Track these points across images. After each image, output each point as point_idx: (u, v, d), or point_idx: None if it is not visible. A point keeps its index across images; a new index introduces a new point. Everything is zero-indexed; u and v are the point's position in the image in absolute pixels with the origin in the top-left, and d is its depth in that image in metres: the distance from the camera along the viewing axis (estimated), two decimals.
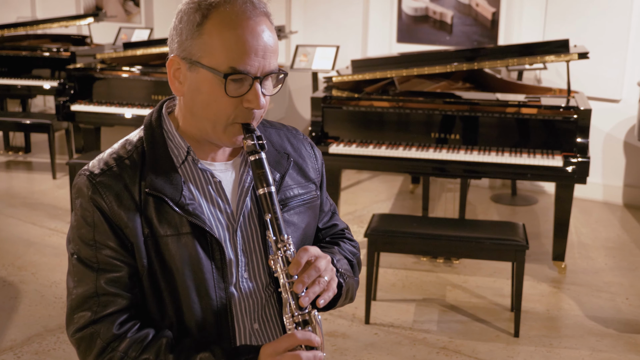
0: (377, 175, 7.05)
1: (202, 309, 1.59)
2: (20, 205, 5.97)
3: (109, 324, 1.55)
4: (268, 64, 1.51)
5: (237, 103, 1.51)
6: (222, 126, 1.53)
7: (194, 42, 1.50)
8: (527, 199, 6.34)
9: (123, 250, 1.55)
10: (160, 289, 1.58)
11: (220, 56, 1.48)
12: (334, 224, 1.87)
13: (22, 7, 9.77)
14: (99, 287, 1.55)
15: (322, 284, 1.52)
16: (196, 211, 1.56)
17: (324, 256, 1.56)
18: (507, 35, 6.44)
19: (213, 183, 1.61)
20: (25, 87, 7.06)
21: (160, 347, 1.54)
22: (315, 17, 7.41)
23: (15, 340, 3.87)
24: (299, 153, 1.75)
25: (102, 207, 1.54)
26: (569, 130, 4.48)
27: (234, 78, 1.48)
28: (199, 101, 1.53)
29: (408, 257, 5.00)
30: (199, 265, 1.57)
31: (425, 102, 4.72)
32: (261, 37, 1.49)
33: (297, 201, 1.70)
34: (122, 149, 1.61)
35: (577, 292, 4.57)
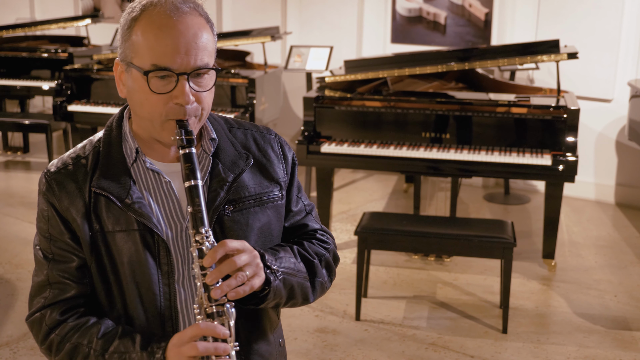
0: (371, 175, 7.11)
1: (146, 303, 1.65)
2: (18, 205, 6.04)
3: (56, 310, 1.65)
4: (194, 60, 1.54)
5: (167, 100, 1.55)
6: (158, 123, 1.58)
7: (126, 45, 1.57)
8: (520, 198, 6.40)
9: (74, 243, 1.64)
10: (109, 282, 1.66)
11: (145, 55, 1.54)
12: (304, 224, 1.85)
13: (21, 8, 9.83)
14: (51, 276, 1.65)
15: (241, 278, 1.51)
16: (142, 209, 1.61)
17: (250, 251, 1.56)
18: (500, 35, 6.50)
19: (163, 183, 1.66)
20: (24, 87, 7.12)
21: (93, 333, 1.62)
22: (310, 17, 7.47)
23: (12, 336, 3.93)
24: (263, 153, 1.77)
25: (54, 203, 1.63)
26: (558, 129, 4.54)
27: (157, 75, 1.54)
28: (135, 100, 1.59)
29: (400, 255, 5.06)
30: (144, 262, 1.63)
31: (416, 102, 4.78)
32: (183, 35, 1.53)
33: (251, 201, 1.71)
34: (82, 149, 1.70)
35: (566, 289, 4.63)
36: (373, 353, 3.84)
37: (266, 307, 1.67)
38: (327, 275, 1.82)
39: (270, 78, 6.13)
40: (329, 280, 1.83)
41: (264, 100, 5.89)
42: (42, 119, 6.73)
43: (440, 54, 5.03)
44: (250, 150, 1.75)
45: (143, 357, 1.56)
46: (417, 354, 3.83)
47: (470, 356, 3.81)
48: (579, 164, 6.19)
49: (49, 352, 1.66)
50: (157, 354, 1.54)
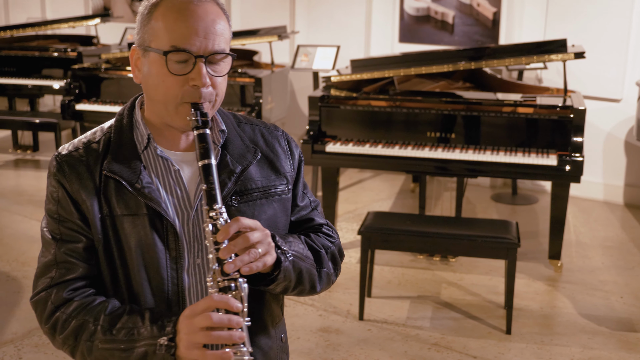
0: (378, 175, 7.10)
1: (153, 288, 1.67)
2: (27, 203, 6.07)
3: (62, 289, 1.65)
4: (212, 44, 1.59)
5: (183, 82, 1.59)
6: (173, 106, 1.62)
7: (145, 30, 1.62)
8: (528, 198, 6.38)
9: (83, 224, 1.66)
10: (115, 266, 1.67)
11: (164, 37, 1.58)
12: (310, 218, 1.89)
13: (32, 7, 9.89)
14: (59, 256, 1.66)
15: (253, 255, 1.54)
16: (152, 194, 1.64)
17: (262, 230, 1.59)
18: (508, 35, 6.47)
19: (172, 171, 1.69)
20: (36, 87, 7.16)
21: (100, 311, 1.62)
22: (318, 17, 7.47)
23: (17, 334, 3.95)
24: (270, 148, 1.81)
25: (64, 184, 1.66)
26: (564, 129, 4.52)
27: (177, 57, 1.58)
28: (151, 84, 1.63)
29: (405, 255, 5.05)
30: (152, 246, 1.65)
31: (422, 102, 4.77)
32: (202, 19, 1.58)
33: (257, 193, 1.74)
34: (92, 135, 1.73)
35: (571, 290, 4.60)
36: (375, 353, 3.83)
37: (275, 289, 1.69)
38: (333, 267, 1.85)
39: (277, 77, 6.13)
40: (335, 273, 1.86)
41: (270, 100, 5.90)
42: (51, 117, 6.76)
43: (446, 53, 5.02)
44: (258, 145, 1.78)
45: (153, 330, 1.56)
46: (420, 354, 3.82)
47: (473, 357, 3.80)
48: (587, 165, 6.20)
49: (53, 331, 1.65)
50: (168, 327, 1.55)
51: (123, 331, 1.59)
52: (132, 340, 1.58)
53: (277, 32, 6.09)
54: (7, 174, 6.98)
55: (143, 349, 1.56)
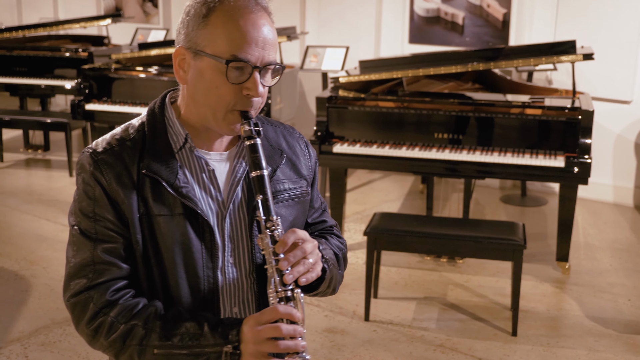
0: (388, 176, 7.10)
1: (189, 287, 1.68)
2: (36, 202, 6.11)
3: (103, 290, 1.64)
4: (267, 56, 1.61)
5: (237, 90, 1.60)
6: (222, 113, 1.62)
7: (199, 33, 1.61)
8: (537, 200, 6.35)
9: (120, 223, 1.65)
10: (151, 265, 1.67)
11: (223, 45, 1.58)
12: (324, 220, 1.95)
13: (45, 8, 9.95)
14: (96, 256, 1.64)
15: (307, 265, 1.60)
16: (189, 194, 1.65)
17: (311, 240, 1.64)
18: (518, 36, 6.45)
19: (207, 171, 1.70)
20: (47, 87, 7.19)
21: (149, 315, 1.63)
22: (328, 18, 7.48)
23: (23, 332, 3.98)
24: (293, 150, 1.83)
25: (102, 183, 1.64)
26: (572, 131, 4.51)
27: (235, 65, 1.58)
28: (200, 88, 1.63)
29: (412, 256, 5.05)
30: (189, 245, 1.66)
31: (429, 103, 4.77)
32: (261, 30, 1.60)
33: (286, 195, 1.78)
34: (124, 132, 1.72)
35: (579, 292, 4.58)
36: (380, 354, 3.83)
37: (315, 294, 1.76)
38: (344, 268, 1.92)
39: (286, 78, 6.14)
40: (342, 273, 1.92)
41: (279, 100, 5.91)
42: (62, 117, 6.80)
43: (454, 54, 5.01)
44: (281, 147, 1.81)
45: (215, 337, 1.58)
46: (425, 356, 3.81)
47: (478, 358, 3.79)
48: (597, 166, 6.17)
49: (95, 333, 1.64)
50: (231, 335, 1.57)
51: (179, 337, 1.60)
52: (193, 346, 1.59)
53: (286, 33, 6.10)
54: (18, 173, 7.03)
55: (205, 357, 1.59)
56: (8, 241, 5.26)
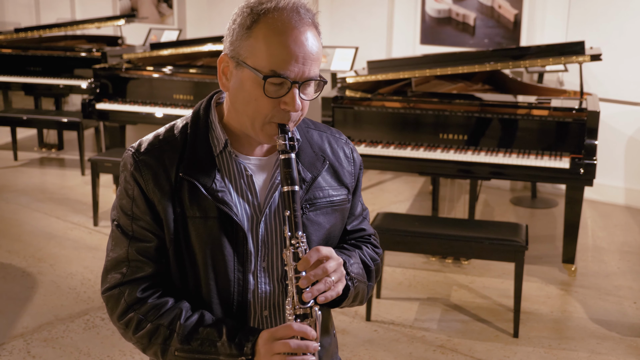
0: (399, 177, 7.09)
1: (220, 289, 1.72)
2: (48, 200, 6.16)
3: (135, 287, 1.71)
4: (308, 71, 1.60)
5: (275, 104, 1.60)
6: (260, 124, 1.63)
7: (242, 43, 1.62)
8: (547, 202, 6.31)
9: (155, 224, 1.70)
10: (185, 265, 1.72)
11: (264, 59, 1.59)
12: (362, 228, 1.93)
13: (62, 9, 10.04)
14: (131, 254, 1.71)
15: (328, 284, 1.60)
16: (225, 198, 1.67)
17: (336, 258, 1.64)
18: (529, 36, 6.42)
19: (245, 176, 1.72)
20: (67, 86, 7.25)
21: (175, 316, 1.68)
22: (341, 19, 7.48)
23: (27, 328, 4.02)
24: (336, 156, 1.83)
25: (140, 183, 1.69)
26: (577, 132, 4.47)
27: (273, 81, 1.58)
28: (240, 98, 1.65)
29: (418, 257, 5.03)
30: (221, 248, 1.69)
31: (435, 103, 4.75)
32: (303, 45, 1.58)
33: (324, 202, 1.78)
34: (168, 133, 1.75)
35: (584, 294, 4.55)
36: (380, 354, 3.82)
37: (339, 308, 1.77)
38: (375, 278, 1.91)
39: None
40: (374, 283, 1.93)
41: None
42: (74, 117, 6.86)
43: (461, 55, 5.00)
44: (325, 153, 1.81)
45: (232, 348, 1.63)
46: (424, 356, 3.80)
47: (477, 359, 3.77)
48: (608, 168, 6.12)
49: (126, 328, 1.72)
50: (246, 347, 1.61)
51: (199, 342, 1.65)
52: (211, 352, 1.65)
53: None
54: (32, 171, 7.10)
55: None
56: (17, 238, 5.31)
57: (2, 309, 4.24)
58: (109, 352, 3.79)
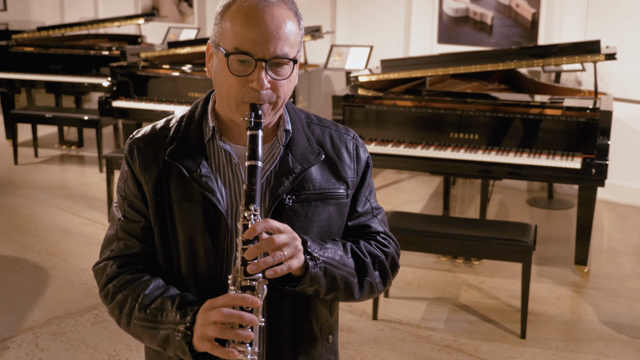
0: (415, 176, 7.06)
1: (200, 272, 1.74)
2: (65, 196, 6.23)
3: (117, 262, 1.77)
4: (273, 49, 1.61)
5: (244, 82, 1.63)
6: (234, 104, 1.66)
7: (217, 29, 1.68)
8: (564, 203, 6.25)
9: (144, 205, 1.76)
10: (170, 247, 1.76)
11: (230, 38, 1.63)
12: (367, 225, 1.86)
13: (86, 7, 10.14)
14: (119, 232, 1.79)
15: (278, 257, 1.56)
16: (209, 183, 1.70)
17: (289, 232, 1.62)
18: (547, 36, 6.36)
19: (232, 164, 1.74)
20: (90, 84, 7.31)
21: (143, 288, 1.72)
22: (359, 18, 7.47)
23: (37, 322, 4.07)
24: (336, 151, 1.82)
25: (131, 165, 1.77)
26: (590, 132, 4.43)
27: (237, 58, 1.62)
28: (217, 80, 1.69)
29: (428, 257, 5.02)
30: (202, 233, 1.71)
31: (446, 102, 4.73)
32: (266, 23, 1.61)
33: (313, 194, 1.76)
34: (166, 121, 1.82)
35: (595, 296, 4.50)
36: (384, 352, 3.82)
37: (303, 291, 1.69)
38: (380, 277, 1.81)
39: (309, 77, 6.15)
40: (382, 283, 1.82)
41: (302, 99, 5.93)
42: (94, 114, 6.92)
43: (473, 54, 4.98)
44: (324, 147, 1.80)
45: (176, 316, 1.64)
46: (429, 356, 3.79)
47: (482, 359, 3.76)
48: (626, 169, 6.05)
49: (106, 300, 1.77)
50: (188, 316, 1.62)
51: (155, 311, 1.68)
52: (159, 322, 1.67)
53: (309, 32, 6.11)
54: (51, 168, 7.18)
55: (166, 332, 1.65)
56: (33, 234, 5.38)
57: (14, 302, 4.30)
58: (115, 347, 3.82)
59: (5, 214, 5.82)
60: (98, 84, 7.26)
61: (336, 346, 1.92)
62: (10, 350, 3.78)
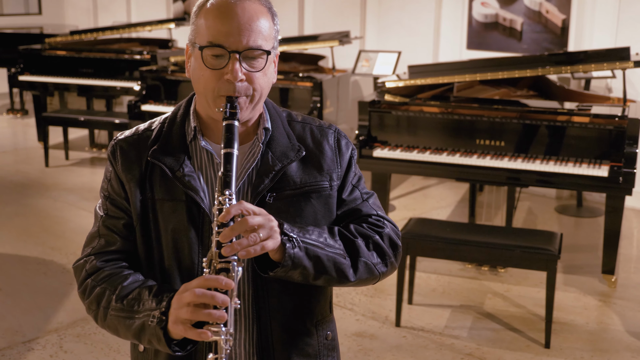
0: (443, 182, 7.02)
1: (183, 271, 1.74)
2: (94, 199, 6.30)
3: (97, 258, 1.77)
4: (246, 41, 1.65)
5: (219, 76, 1.66)
6: (211, 98, 1.69)
7: (192, 27, 1.73)
8: (593, 211, 6.18)
9: (126, 202, 1.77)
10: (152, 246, 1.77)
11: (204, 34, 1.67)
12: (358, 209, 1.85)
13: (119, 12, 10.26)
14: (101, 229, 1.80)
15: (252, 239, 1.55)
16: (191, 182, 1.72)
17: (264, 214, 1.61)
18: (577, 42, 6.30)
19: (214, 164, 1.76)
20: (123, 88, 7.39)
21: (120, 282, 1.72)
22: (388, 23, 7.46)
23: (62, 323, 4.12)
24: (317, 145, 1.83)
25: (114, 165, 1.79)
26: (618, 139, 4.38)
27: (211, 52, 1.65)
28: (194, 77, 1.72)
29: (454, 264, 4.98)
30: (187, 232, 1.73)
31: (473, 109, 4.70)
32: (238, 16, 1.65)
33: (293, 191, 1.76)
34: (150, 123, 1.85)
35: (623, 306, 4.44)
36: None
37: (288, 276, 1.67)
38: (379, 257, 1.79)
39: (337, 82, 6.15)
40: (382, 263, 1.80)
41: (329, 104, 5.93)
42: (125, 118, 6.99)
43: (501, 60, 4.95)
44: (305, 143, 1.81)
45: (152, 303, 1.63)
46: None
47: None
48: None
49: (83, 295, 1.77)
50: (164, 301, 1.62)
51: (132, 301, 1.67)
52: (135, 311, 1.66)
53: (338, 37, 6.12)
54: (82, 171, 7.26)
55: (141, 321, 1.63)
56: (61, 235, 5.45)
57: (40, 303, 4.36)
58: None
59: (35, 215, 5.90)
60: (129, 88, 7.33)
61: (336, 342, 1.90)
62: (34, 351, 3.83)
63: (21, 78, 7.72)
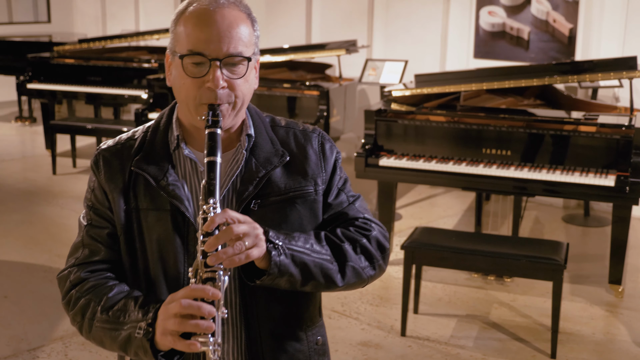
0: (450, 191, 7.01)
1: (169, 280, 1.74)
2: None
3: (82, 269, 1.76)
4: (226, 48, 1.65)
5: (200, 84, 1.66)
6: (193, 106, 1.69)
7: (172, 36, 1.72)
8: (600, 220, 6.15)
9: (110, 212, 1.76)
10: (136, 256, 1.76)
11: (184, 42, 1.67)
12: (344, 212, 1.85)
13: (128, 20, 10.31)
14: (85, 239, 1.80)
15: (237, 247, 1.55)
16: (175, 191, 1.72)
17: (249, 222, 1.60)
18: (584, 51, 6.29)
19: (198, 172, 1.76)
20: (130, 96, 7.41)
21: (105, 293, 1.71)
22: (395, 32, 7.48)
23: (67, 331, 4.12)
24: (301, 150, 1.82)
25: (97, 175, 1.79)
26: (625, 149, 4.36)
27: (192, 60, 1.65)
28: (176, 86, 1.72)
29: (460, 273, 4.97)
30: (172, 241, 1.72)
31: (480, 118, 4.70)
32: (217, 23, 1.65)
33: (278, 197, 1.76)
34: (133, 132, 1.85)
35: (630, 317, 4.42)
36: None
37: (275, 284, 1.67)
38: (366, 261, 1.79)
39: (344, 91, 6.16)
40: (370, 267, 1.79)
41: (336, 112, 5.94)
42: (131, 126, 7.01)
43: (508, 69, 4.95)
44: (288, 148, 1.81)
45: (138, 314, 1.63)
46: None
47: None
48: None
49: (68, 307, 1.76)
50: (150, 312, 1.61)
51: (118, 312, 1.67)
52: (121, 322, 1.65)
53: (345, 46, 6.13)
54: None
55: (127, 332, 1.63)
56: (68, 243, 5.41)
57: (46, 311, 4.36)
58: None
59: (42, 223, 5.92)
60: (137, 96, 7.35)
61: (327, 347, 1.90)
62: (39, 359, 3.83)
63: (30, 86, 7.75)
